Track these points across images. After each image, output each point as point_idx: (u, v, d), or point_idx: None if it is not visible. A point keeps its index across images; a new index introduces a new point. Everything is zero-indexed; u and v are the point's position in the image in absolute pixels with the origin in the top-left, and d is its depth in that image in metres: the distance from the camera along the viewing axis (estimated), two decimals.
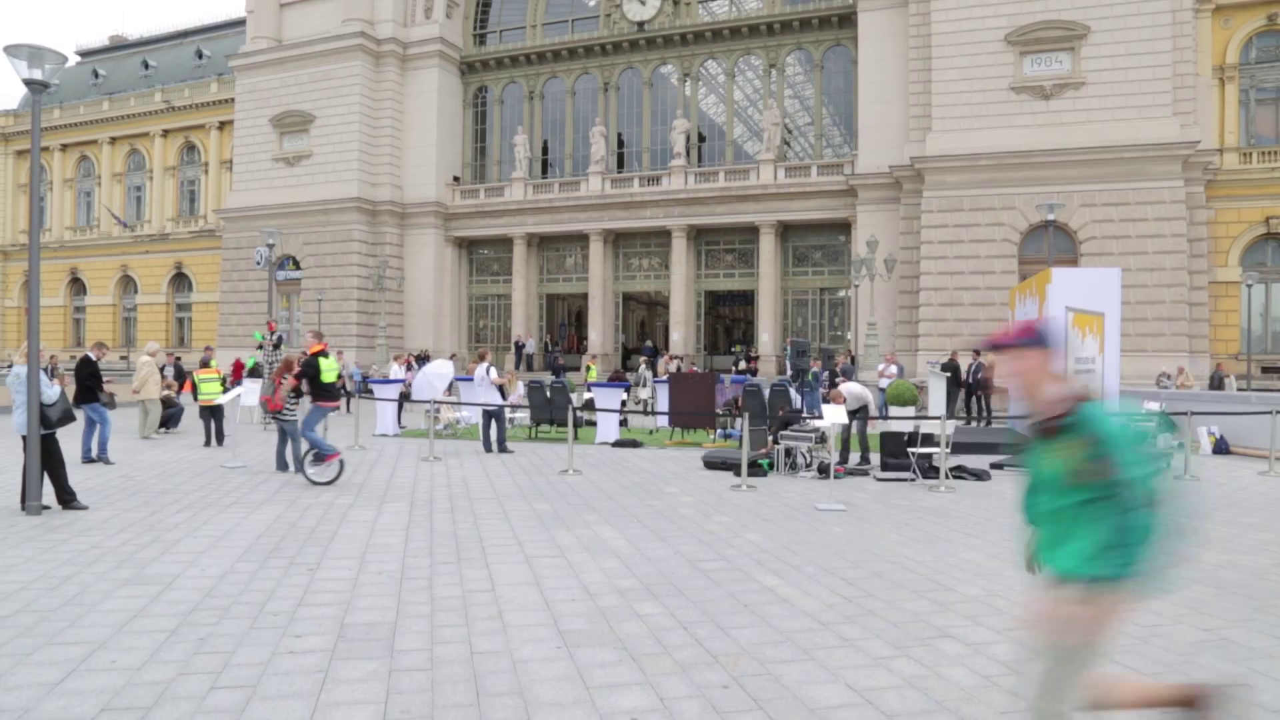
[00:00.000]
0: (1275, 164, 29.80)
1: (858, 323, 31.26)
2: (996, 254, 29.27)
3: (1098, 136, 28.18)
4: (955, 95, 29.94)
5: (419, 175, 40.97)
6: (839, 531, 9.09)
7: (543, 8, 41.61)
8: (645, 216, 37.72)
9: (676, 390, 19.83)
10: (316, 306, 37.83)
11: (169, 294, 49.54)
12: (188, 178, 49.49)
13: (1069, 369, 12.13)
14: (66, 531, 8.52)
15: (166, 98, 48.93)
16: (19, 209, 54.12)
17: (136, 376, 17.96)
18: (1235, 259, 29.86)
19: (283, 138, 41.04)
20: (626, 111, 40.43)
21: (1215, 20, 30.50)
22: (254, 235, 39.01)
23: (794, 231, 36.55)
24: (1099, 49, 28.40)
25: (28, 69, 9.25)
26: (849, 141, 35.66)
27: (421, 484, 12.11)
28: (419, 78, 40.97)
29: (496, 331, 42.00)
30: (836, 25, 35.81)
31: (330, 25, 40.38)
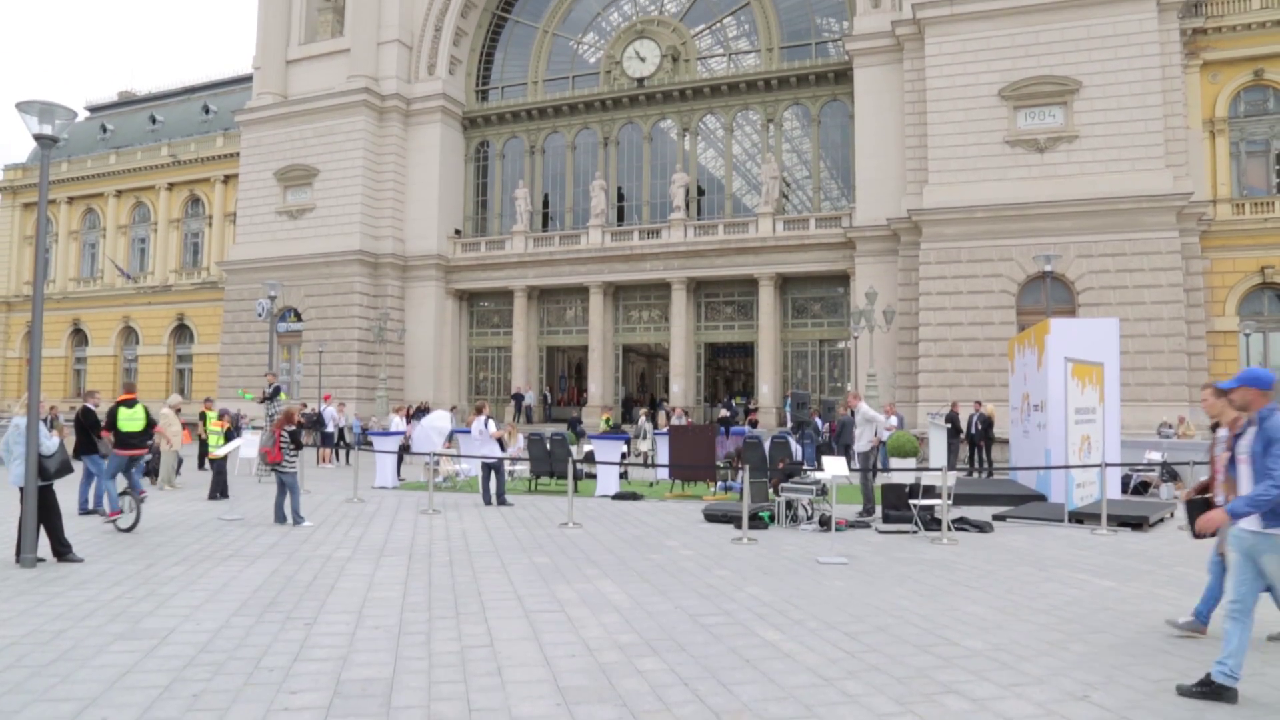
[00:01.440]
0: (1268, 215, 30.11)
1: (857, 374, 31.28)
2: (995, 305, 29.41)
3: (1092, 188, 28.50)
4: (951, 149, 30.34)
5: (421, 228, 41.33)
6: (841, 585, 8.99)
7: (544, 64, 42.37)
8: (645, 269, 37.97)
9: (676, 443, 19.76)
10: (317, 358, 37.90)
11: (170, 345, 49.64)
12: (191, 230, 49.93)
13: (1069, 419, 12.07)
14: (61, 584, 8.44)
15: (173, 152, 49.58)
16: (24, 260, 54.50)
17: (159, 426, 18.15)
18: (1232, 308, 30.00)
19: (286, 191, 41.50)
20: (626, 165, 40.92)
21: (1204, 75, 31.06)
22: (256, 287, 39.24)
23: (793, 284, 36.76)
24: (1091, 103, 28.86)
25: (38, 124, 9.40)
26: (847, 194, 36.04)
27: (420, 537, 12.01)
28: (422, 132, 41.56)
29: (497, 383, 42.00)
30: (833, 81, 36.42)
31: (335, 81, 41.08)
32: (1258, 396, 5.62)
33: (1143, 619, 7.64)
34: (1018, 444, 19.13)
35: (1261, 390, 5.63)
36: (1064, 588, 8.94)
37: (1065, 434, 14.81)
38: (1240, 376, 5.77)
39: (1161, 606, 8.10)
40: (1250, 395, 5.65)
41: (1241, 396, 5.69)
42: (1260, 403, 5.60)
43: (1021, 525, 13.88)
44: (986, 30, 30.13)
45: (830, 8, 37.60)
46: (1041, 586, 9.05)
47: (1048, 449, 15.61)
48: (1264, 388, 5.64)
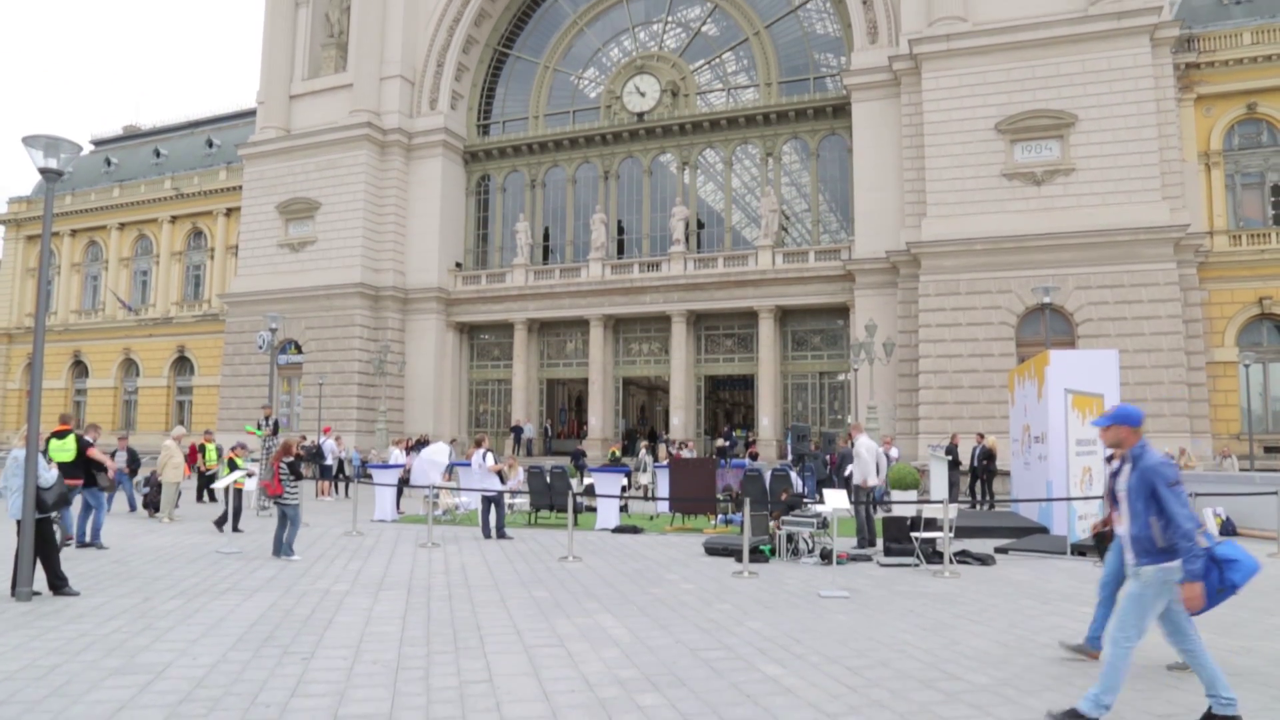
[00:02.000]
0: (1265, 246, 30.27)
1: (857, 407, 31.24)
2: (994, 336, 29.45)
3: (1089, 221, 28.66)
4: (949, 182, 30.55)
5: (422, 261, 41.51)
6: (843, 619, 8.92)
7: (545, 99, 42.78)
8: (645, 302, 38.07)
9: (677, 475, 19.69)
10: (317, 390, 37.88)
11: (170, 377, 49.64)
12: (193, 262, 50.14)
13: (1070, 450, 12.06)
14: (56, 619, 8.37)
15: (176, 185, 49.93)
16: (26, 292, 54.67)
17: (160, 459, 18.19)
18: (1231, 339, 30.06)
19: (288, 224, 41.73)
20: (626, 199, 41.18)
21: (1198, 109, 31.36)
22: (257, 319, 39.32)
23: (793, 316, 36.84)
24: (1087, 136, 29.10)
25: (44, 158, 9.47)
26: (846, 227, 36.23)
27: (419, 571, 11.94)
28: (423, 166, 41.87)
29: (497, 416, 41.95)
30: (831, 115, 36.76)
31: (338, 116, 41.47)
32: (1129, 434, 5.75)
33: (1146, 653, 7.57)
34: (1019, 476, 19.07)
35: (1132, 428, 5.76)
36: (1068, 621, 8.86)
37: (1066, 466, 14.76)
38: (1113, 415, 5.89)
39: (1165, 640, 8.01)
40: (1122, 433, 5.77)
41: (1114, 434, 5.80)
42: (1132, 440, 5.73)
43: (1024, 558, 13.80)
44: (982, 65, 30.46)
45: (828, 44, 38.06)
46: (1045, 620, 8.97)
47: (1049, 481, 15.56)
48: (1134, 425, 5.77)
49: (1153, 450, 5.63)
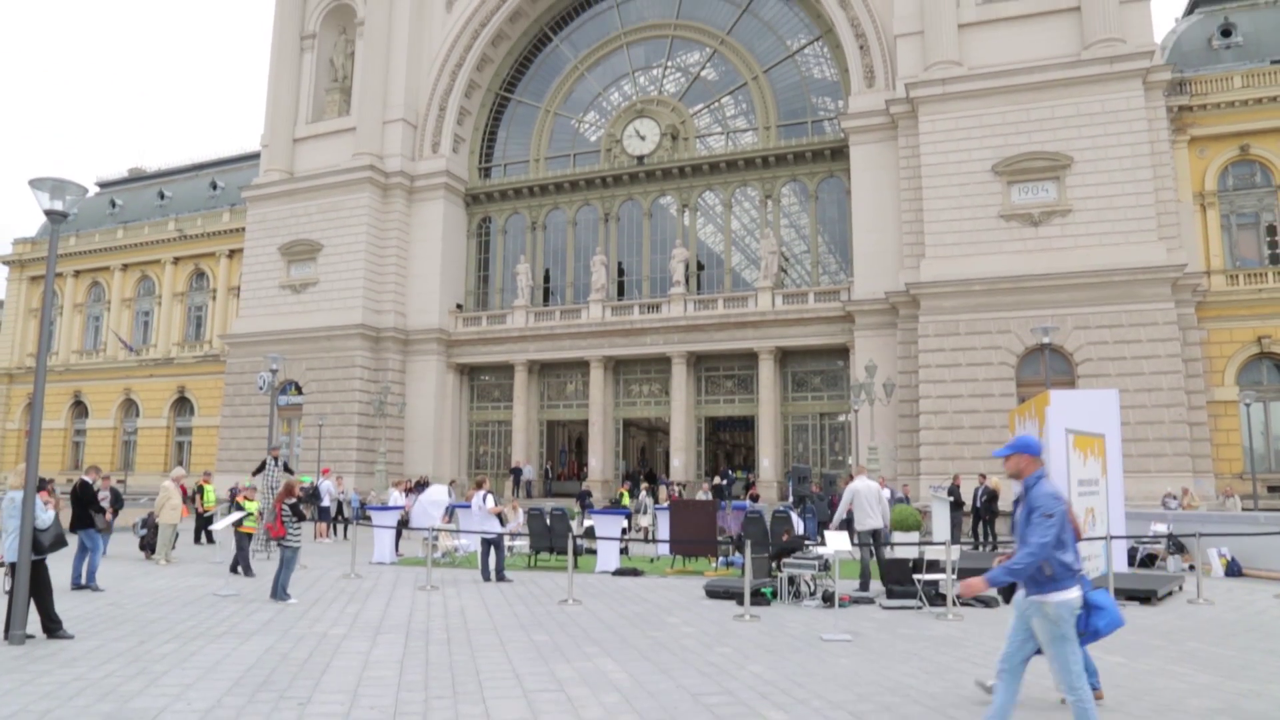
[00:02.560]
0: (1262, 285, 30.41)
1: (858, 448, 31.14)
2: (994, 377, 29.46)
3: (1087, 261, 28.80)
4: (947, 223, 30.75)
5: (423, 303, 41.66)
6: (845, 663, 8.82)
7: (546, 142, 43.25)
8: (645, 343, 38.13)
9: (677, 518, 19.57)
10: (317, 432, 37.80)
11: (170, 418, 49.57)
12: (195, 303, 50.33)
13: (1072, 491, 12.00)
14: (49, 662, 8.28)
15: (179, 226, 50.28)
16: (29, 333, 54.78)
17: (158, 499, 18.09)
18: (1231, 378, 30.08)
19: (290, 265, 41.95)
20: (627, 241, 41.43)
21: (1191, 150, 31.70)
22: (258, 360, 39.33)
23: (793, 357, 36.88)
24: (1083, 178, 29.36)
25: (49, 200, 9.55)
26: (845, 268, 36.40)
27: (418, 614, 11.83)
28: (425, 208, 42.20)
29: (497, 458, 41.80)
30: (829, 158, 37.12)
31: (341, 159, 41.88)
32: (1029, 463, 5.81)
33: (1156, 696, 7.48)
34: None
35: (1032, 457, 5.82)
36: None
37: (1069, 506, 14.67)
38: (1013, 444, 5.95)
39: (1174, 683, 7.93)
40: (1022, 462, 5.82)
41: (1014, 464, 5.85)
42: (1031, 469, 5.78)
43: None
44: (978, 108, 30.83)
45: (825, 87, 38.56)
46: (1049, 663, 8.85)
47: None
48: (1034, 454, 5.84)
49: (1045, 482, 5.70)
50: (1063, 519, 5.50)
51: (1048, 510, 5.49)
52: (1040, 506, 5.52)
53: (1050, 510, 5.49)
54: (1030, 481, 5.71)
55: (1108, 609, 5.95)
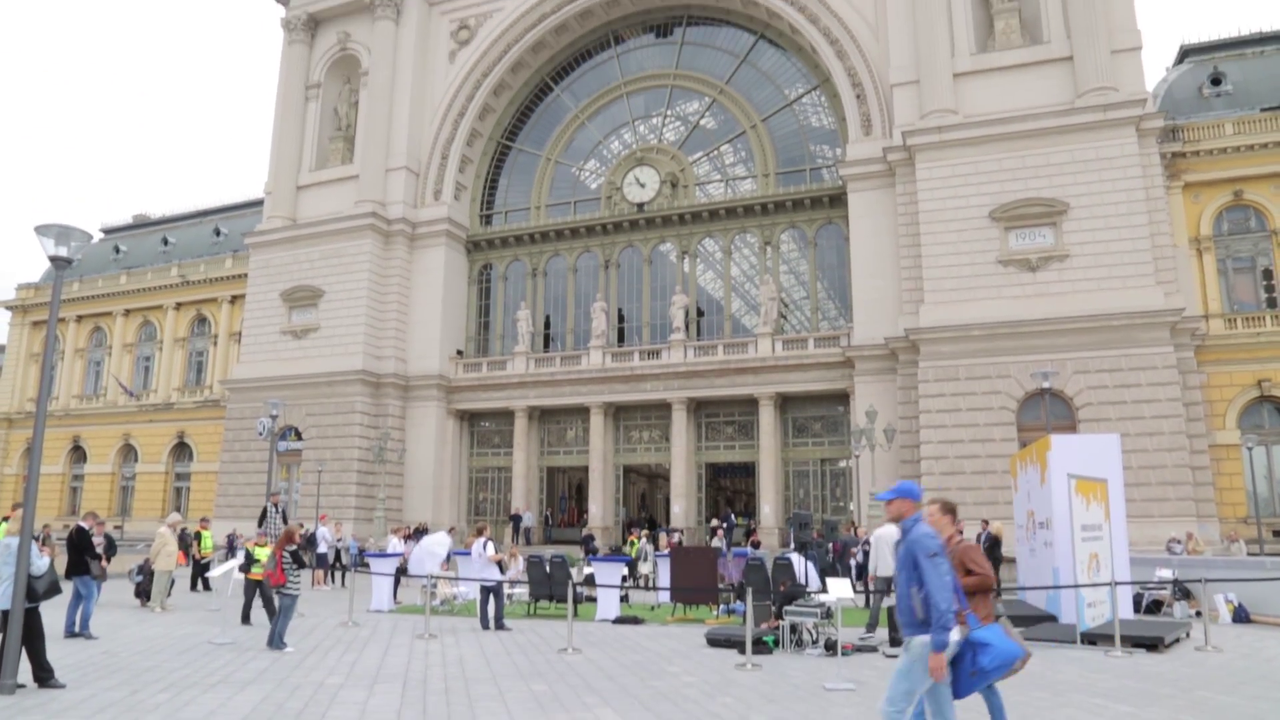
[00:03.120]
0: (1260, 329, 30.51)
1: (860, 494, 31.00)
2: (995, 422, 29.40)
3: (1085, 306, 28.91)
4: (945, 269, 30.93)
5: (423, 349, 41.74)
6: (849, 713, 8.69)
7: (546, 190, 43.69)
8: (645, 389, 38.13)
9: (678, 565, 19.41)
10: (316, 478, 37.63)
11: (169, 463, 49.39)
12: (196, 349, 50.43)
13: (1075, 536, 12.05)
14: (39, 713, 8.15)
15: (182, 272, 50.57)
16: (29, 378, 54.78)
17: (154, 546, 17.96)
18: (1233, 422, 30.03)
19: (291, 311, 42.10)
20: (627, 287, 41.63)
21: (1186, 195, 32.01)
22: (258, 406, 39.31)
23: (793, 403, 36.84)
24: (1079, 223, 29.58)
25: (54, 246, 9.61)
26: (844, 314, 36.51)
27: (416, 663, 11.67)
28: (426, 255, 42.48)
29: (496, 504, 41.57)
30: (828, 205, 37.45)
31: (343, 206, 42.25)
32: (911, 507, 5.87)
33: None
34: (1024, 563, 18.79)
35: (914, 502, 5.89)
36: (1080, 713, 8.63)
37: (1072, 552, 14.58)
38: (895, 489, 6.01)
39: None
40: (904, 506, 5.89)
41: (896, 508, 5.91)
42: (911, 513, 5.86)
43: (1033, 647, 13.45)
44: (974, 155, 31.18)
45: (823, 135, 39.05)
46: (1056, 713, 8.74)
47: (1055, 567, 15.32)
48: (915, 499, 5.92)
49: (923, 524, 5.75)
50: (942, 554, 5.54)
51: (931, 550, 5.53)
52: (923, 547, 5.55)
53: (934, 549, 5.54)
54: (908, 524, 5.78)
55: (994, 645, 5.83)
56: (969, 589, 6.59)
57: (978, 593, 6.67)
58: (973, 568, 6.72)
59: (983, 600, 6.66)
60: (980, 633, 5.83)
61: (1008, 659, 5.87)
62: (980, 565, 6.75)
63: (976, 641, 5.76)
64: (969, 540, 6.79)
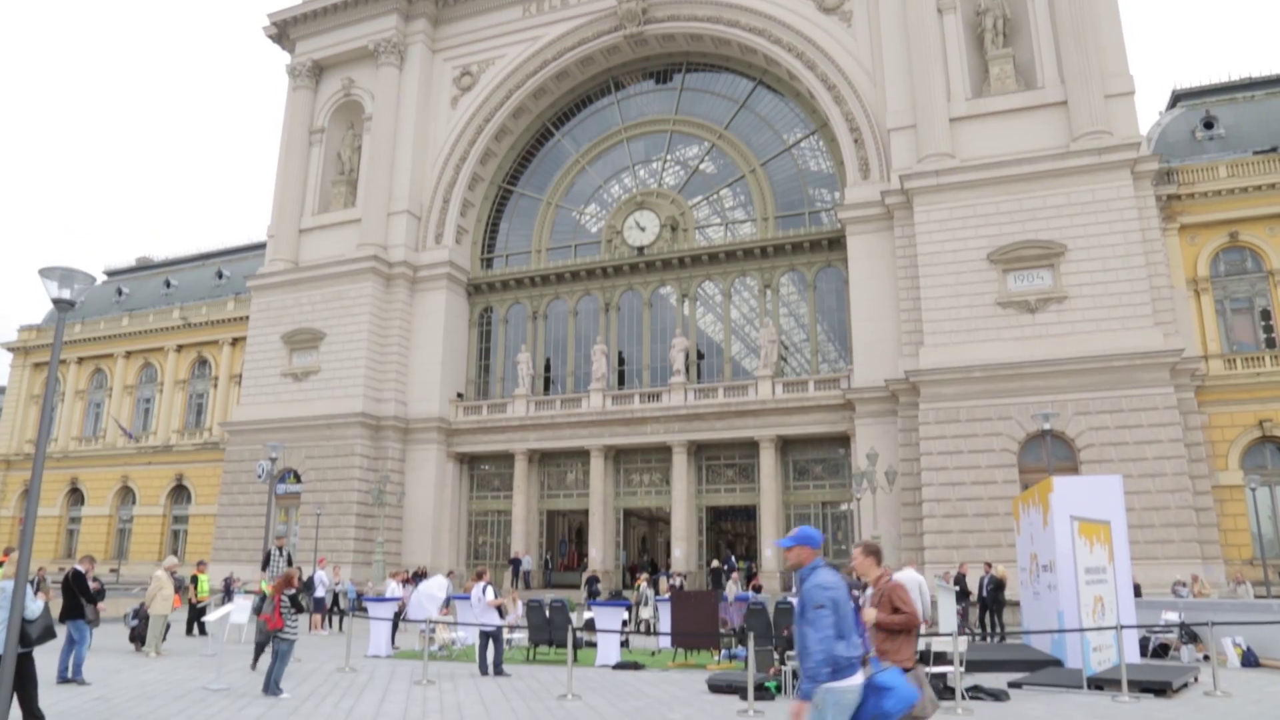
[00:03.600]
0: (1260, 369, 30.55)
1: (862, 537, 30.78)
2: (996, 464, 29.28)
3: (1085, 347, 28.94)
4: (944, 311, 31.02)
5: (423, 391, 41.73)
6: None
7: (547, 234, 44.00)
8: (646, 432, 38.05)
9: (679, 609, 19.22)
10: (315, 521, 37.41)
11: (167, 505, 49.14)
12: (197, 391, 50.43)
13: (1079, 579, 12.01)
14: None
15: (184, 314, 50.75)
16: (29, 419, 54.71)
17: (149, 589, 17.79)
18: (1235, 462, 29.93)
19: (292, 353, 42.16)
20: (627, 330, 41.73)
21: (1182, 237, 32.23)
22: (257, 448, 39.21)
23: (794, 446, 36.73)
24: (1077, 265, 29.73)
25: (58, 289, 9.64)
26: (844, 356, 36.56)
27: (413, 710, 11.51)
28: (427, 298, 42.66)
29: (496, 548, 41.27)
30: (827, 248, 37.68)
31: (345, 249, 42.52)
32: (810, 554, 5.89)
33: None
34: (1029, 606, 18.60)
35: (813, 549, 5.90)
36: None
37: (1077, 595, 14.43)
38: (795, 535, 6.00)
39: None
40: (804, 554, 5.89)
41: (796, 555, 5.92)
42: (809, 560, 5.87)
43: (1039, 692, 13.31)
44: (972, 198, 31.44)
45: (822, 179, 39.43)
46: None
47: (1060, 611, 15.16)
48: (815, 546, 5.93)
49: (820, 572, 5.75)
50: (836, 606, 5.54)
51: (817, 602, 5.55)
52: (811, 599, 5.58)
53: (819, 601, 5.55)
54: (805, 573, 5.80)
55: (896, 689, 5.79)
56: (895, 628, 6.64)
57: (903, 632, 6.69)
58: (900, 606, 6.72)
59: (907, 640, 6.69)
60: (881, 676, 5.82)
61: (908, 703, 5.87)
62: (907, 605, 6.73)
63: (879, 685, 5.75)
64: (897, 580, 6.79)
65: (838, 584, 5.65)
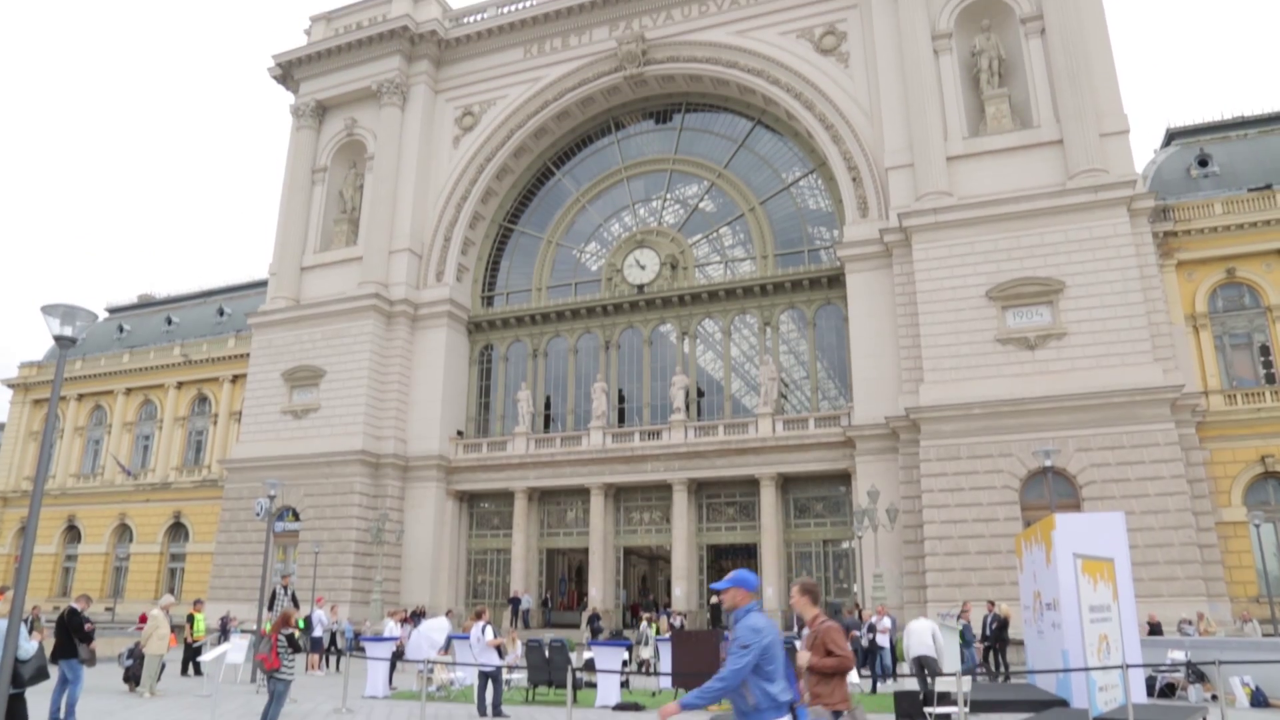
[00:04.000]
0: (1260, 405, 30.56)
1: (863, 575, 30.54)
2: (998, 500, 29.14)
3: (1085, 383, 28.93)
4: (944, 348, 31.06)
5: (423, 429, 41.65)
6: None
7: (548, 272, 44.21)
8: (646, 470, 37.93)
9: (679, 649, 19.01)
10: (313, 559, 37.13)
11: (164, 543, 48.86)
12: (196, 428, 50.38)
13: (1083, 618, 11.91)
14: None
15: (185, 351, 50.87)
16: (27, 455, 54.61)
17: (145, 628, 17.65)
18: (1238, 499, 29.82)
19: (293, 391, 42.15)
20: (627, 368, 41.75)
21: (1180, 273, 32.41)
22: (256, 486, 39.04)
23: (794, 483, 36.59)
24: (1076, 301, 29.82)
25: (60, 326, 9.67)
26: (844, 394, 36.54)
27: None
28: (428, 336, 42.75)
29: (495, 586, 40.93)
30: (826, 285, 37.83)
31: (346, 287, 42.70)
32: (744, 597, 6.09)
33: None
34: (1033, 645, 18.40)
35: (747, 591, 6.10)
36: None
37: (1081, 633, 14.27)
38: (731, 578, 6.18)
39: None
40: (739, 596, 6.09)
41: (731, 597, 6.11)
42: (744, 602, 6.06)
43: None
44: (970, 236, 31.62)
45: (821, 218, 39.70)
46: None
47: (1065, 650, 14.99)
48: (749, 589, 6.12)
49: (752, 615, 5.93)
50: (763, 651, 5.70)
51: (744, 642, 5.76)
52: (739, 638, 5.79)
53: (747, 642, 5.75)
54: (739, 614, 5.97)
55: None
56: (828, 670, 6.68)
57: (836, 675, 6.74)
58: (833, 649, 6.74)
59: (840, 683, 6.74)
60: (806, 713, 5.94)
61: None
62: (840, 647, 6.75)
63: None
64: (833, 622, 6.84)
65: (768, 628, 5.83)
